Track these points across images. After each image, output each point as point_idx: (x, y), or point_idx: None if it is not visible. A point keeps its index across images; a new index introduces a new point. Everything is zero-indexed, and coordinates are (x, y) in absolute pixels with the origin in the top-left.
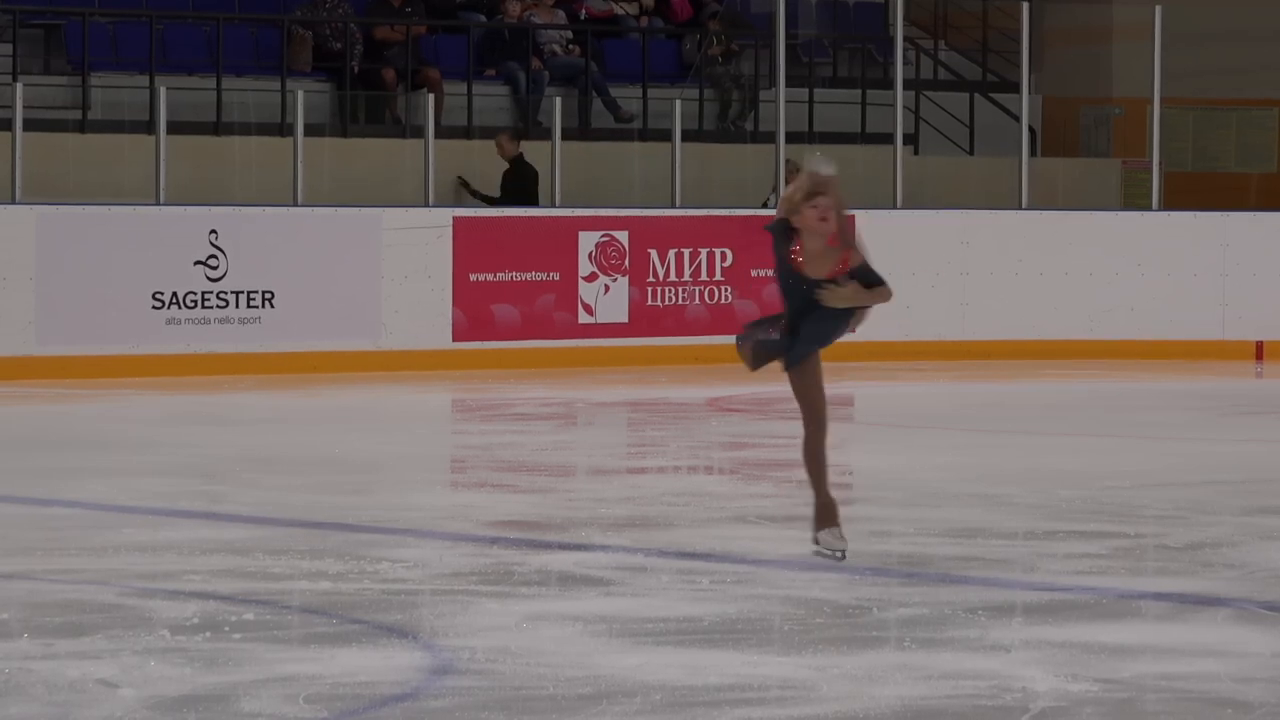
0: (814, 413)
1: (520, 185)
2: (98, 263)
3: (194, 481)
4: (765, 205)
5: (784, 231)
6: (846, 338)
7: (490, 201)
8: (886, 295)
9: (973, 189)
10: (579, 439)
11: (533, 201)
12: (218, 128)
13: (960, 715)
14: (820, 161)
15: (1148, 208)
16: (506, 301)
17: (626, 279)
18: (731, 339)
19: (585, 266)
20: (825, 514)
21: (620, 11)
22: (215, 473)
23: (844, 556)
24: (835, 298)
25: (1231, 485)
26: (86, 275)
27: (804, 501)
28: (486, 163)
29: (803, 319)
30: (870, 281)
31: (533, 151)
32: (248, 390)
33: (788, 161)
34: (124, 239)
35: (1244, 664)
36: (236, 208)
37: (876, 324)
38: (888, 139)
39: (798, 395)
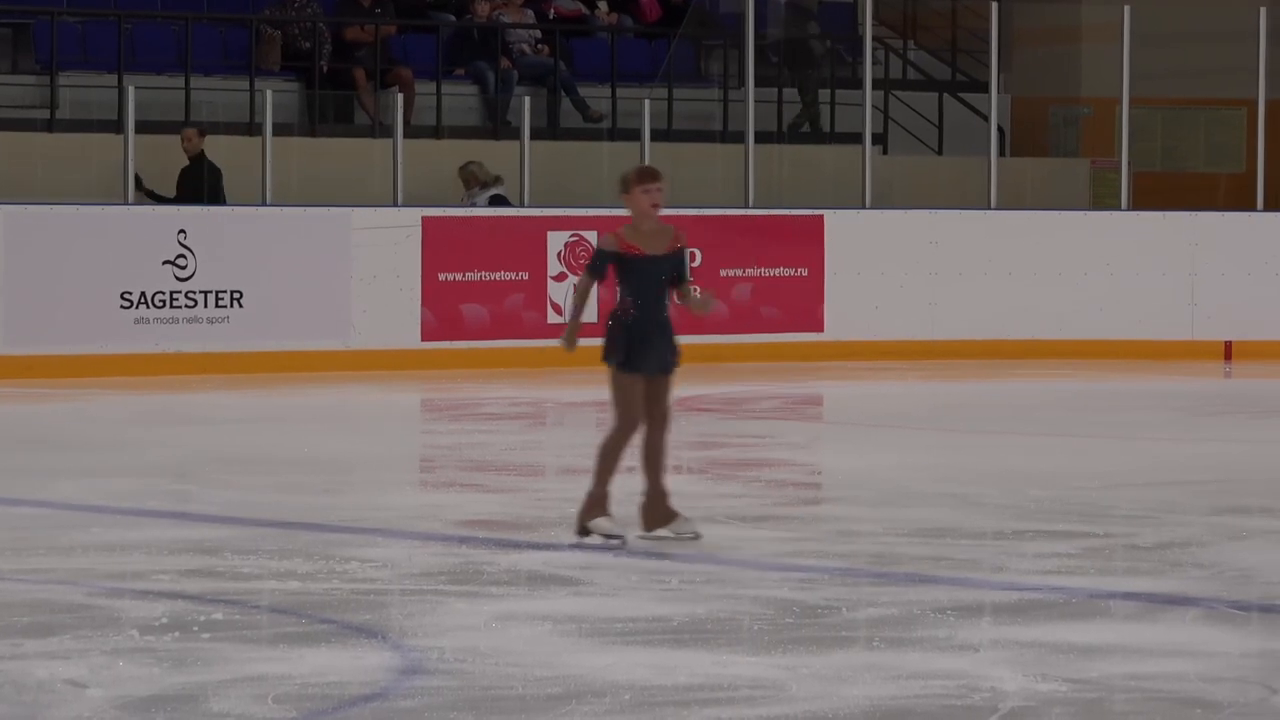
0: (625, 413)
1: (198, 184)
2: (66, 262)
3: (162, 481)
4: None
5: (609, 253)
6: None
7: (163, 200)
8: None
9: (942, 189)
10: (548, 439)
11: (216, 200)
12: (187, 127)
13: (929, 715)
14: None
15: (1116, 207)
16: (475, 301)
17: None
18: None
19: (554, 266)
20: (599, 504)
21: (586, 11)
22: (184, 472)
23: (624, 543)
24: (696, 304)
25: (1200, 485)
26: (54, 275)
27: (775, 501)
28: (455, 162)
29: (653, 322)
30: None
31: (502, 151)
32: (216, 390)
33: (468, 165)
34: (92, 239)
35: (1212, 663)
36: (205, 207)
37: (845, 323)
38: (856, 138)
39: (620, 396)
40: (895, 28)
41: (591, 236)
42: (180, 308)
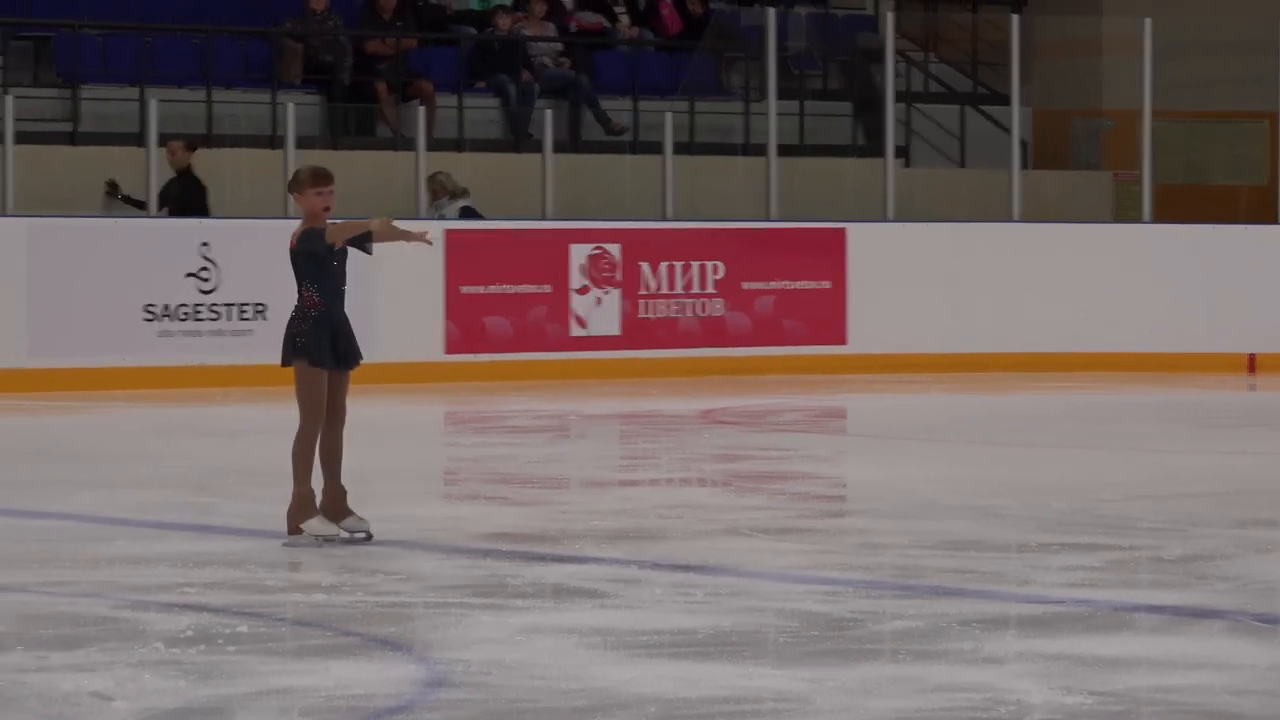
0: (315, 410)
1: (185, 198)
2: (89, 275)
3: (186, 493)
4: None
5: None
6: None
7: (139, 206)
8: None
9: (964, 201)
10: (571, 451)
11: (201, 214)
12: (209, 140)
13: None
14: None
15: (1139, 220)
16: (498, 314)
17: (619, 291)
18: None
19: (577, 279)
20: (306, 505)
21: (607, 24)
22: (207, 485)
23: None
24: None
25: (1225, 498)
26: (78, 287)
27: (798, 514)
28: (477, 175)
29: (337, 319)
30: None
31: (523, 164)
32: (239, 402)
33: (435, 175)
34: (115, 251)
35: (1238, 676)
36: (228, 220)
37: (868, 336)
38: (878, 151)
39: (305, 392)
40: (916, 41)
41: (614, 249)
42: (204, 320)
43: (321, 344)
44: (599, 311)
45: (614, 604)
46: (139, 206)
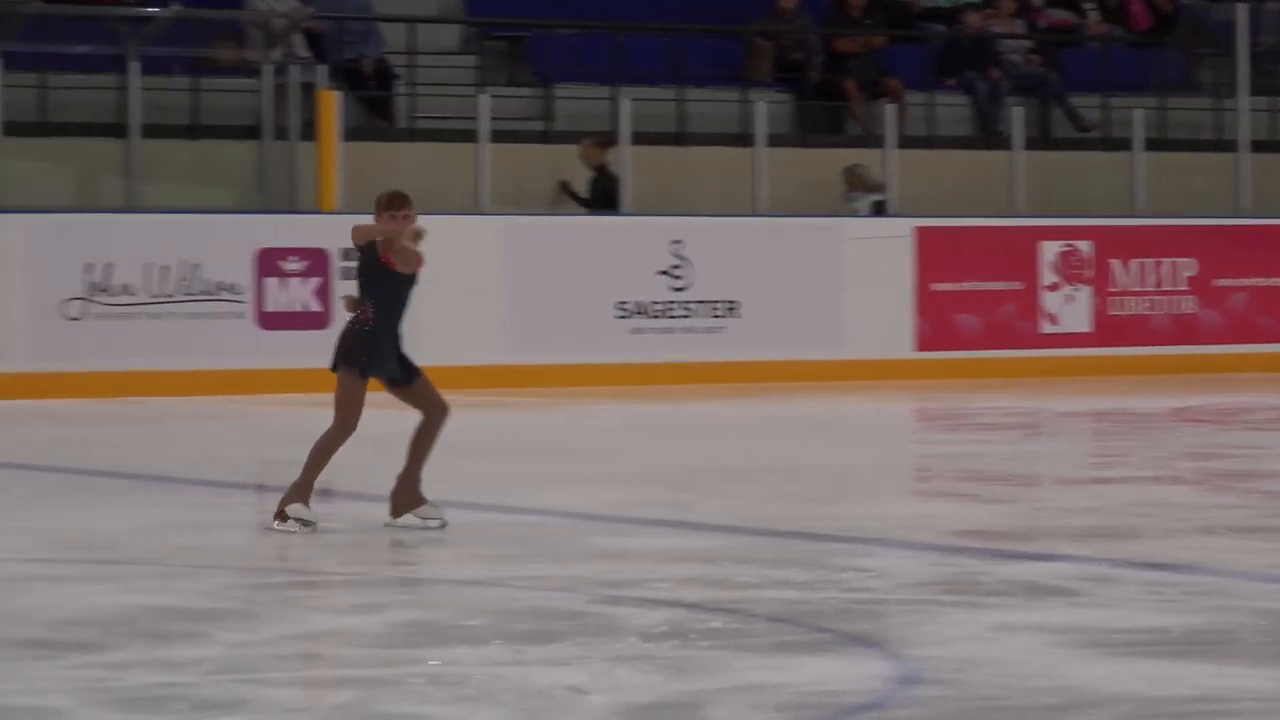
0: (348, 419)
1: (600, 194)
2: (563, 272)
3: (659, 490)
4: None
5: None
6: None
7: (582, 202)
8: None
9: None
10: (1042, 449)
11: (613, 208)
12: (679, 138)
13: None
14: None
15: None
16: (969, 311)
17: (1090, 289)
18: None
19: (1047, 276)
20: (301, 491)
21: (1077, 20)
22: (680, 482)
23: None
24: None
25: None
26: (552, 285)
27: (1273, 513)
28: (944, 174)
29: (391, 334)
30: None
31: (992, 161)
32: (710, 399)
33: (853, 167)
34: (588, 249)
35: None
36: (698, 218)
37: None
38: None
39: (343, 399)
40: None
41: (1085, 246)
42: (676, 317)
43: (366, 356)
44: (1070, 308)
45: (1086, 602)
46: (583, 203)
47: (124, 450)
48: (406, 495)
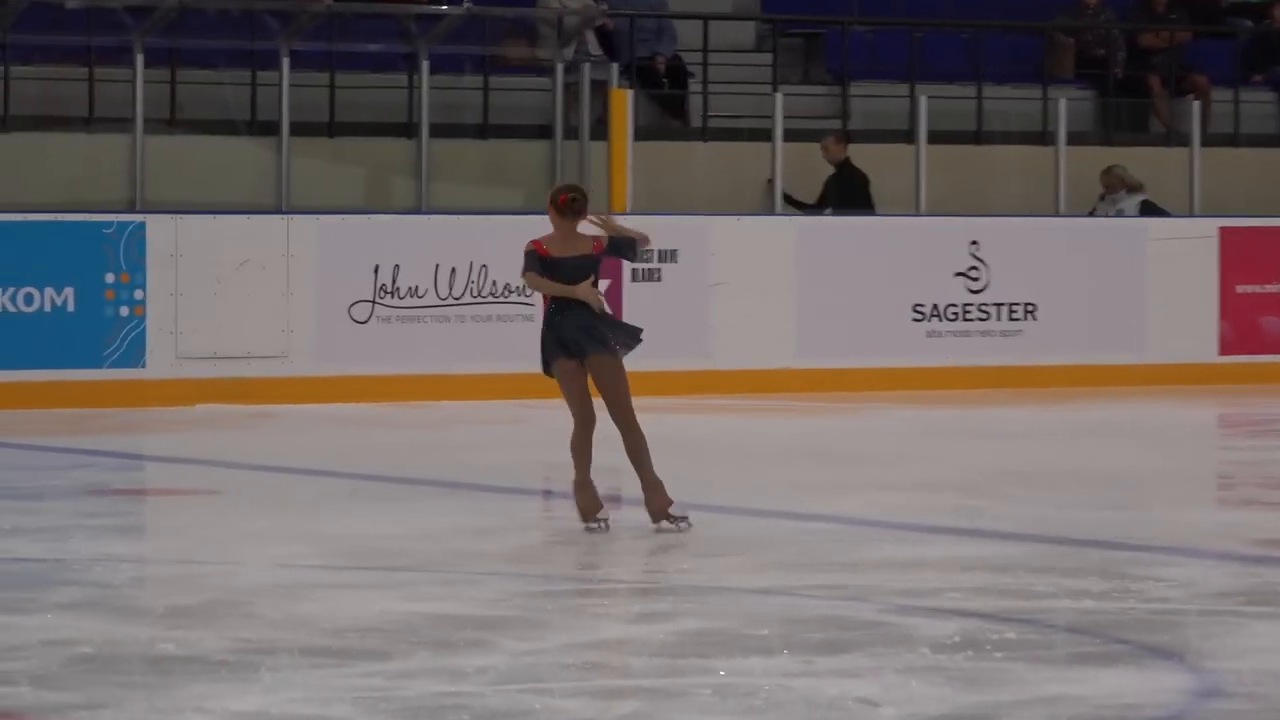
0: (573, 408)
1: (847, 190)
2: (856, 274)
3: (952, 496)
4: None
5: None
6: None
7: (806, 209)
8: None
9: None
10: None
11: (865, 206)
12: (978, 137)
13: None
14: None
15: None
16: (1274, 313)
17: None
18: None
19: None
20: (576, 490)
21: None
22: (973, 487)
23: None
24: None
25: None
26: (845, 287)
27: None
28: (1250, 173)
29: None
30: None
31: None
32: (1006, 404)
33: (1111, 169)
34: (883, 250)
35: None
36: (997, 218)
37: None
38: None
39: (564, 392)
40: None
41: None
42: (973, 320)
43: (549, 344)
44: None
45: None
46: (799, 206)
47: (409, 455)
48: (653, 501)
